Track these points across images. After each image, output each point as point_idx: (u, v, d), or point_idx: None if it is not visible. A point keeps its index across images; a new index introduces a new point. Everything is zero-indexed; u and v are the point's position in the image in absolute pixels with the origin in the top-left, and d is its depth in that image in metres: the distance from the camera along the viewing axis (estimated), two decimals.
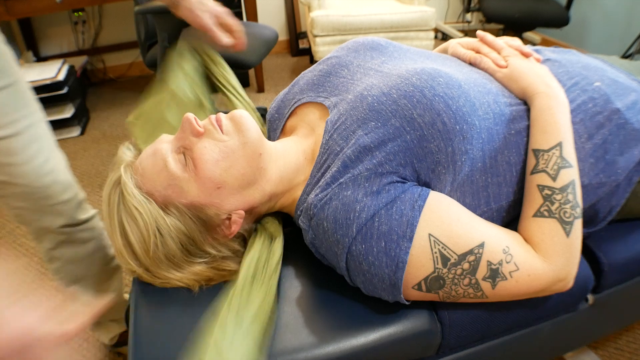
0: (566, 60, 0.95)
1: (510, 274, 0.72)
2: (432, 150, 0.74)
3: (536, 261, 0.73)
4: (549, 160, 0.77)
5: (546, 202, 0.75)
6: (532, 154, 0.79)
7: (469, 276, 0.71)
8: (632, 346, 1.43)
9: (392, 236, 0.70)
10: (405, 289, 0.72)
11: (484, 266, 0.71)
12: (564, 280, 0.75)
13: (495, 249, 0.72)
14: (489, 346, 0.86)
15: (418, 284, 0.72)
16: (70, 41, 3.40)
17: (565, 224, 0.74)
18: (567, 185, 0.75)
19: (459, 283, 0.71)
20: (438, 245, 0.70)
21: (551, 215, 0.75)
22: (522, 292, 0.74)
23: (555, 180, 0.76)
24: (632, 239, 0.95)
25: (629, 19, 3.08)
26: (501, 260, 0.71)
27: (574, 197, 0.75)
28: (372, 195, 0.72)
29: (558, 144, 0.77)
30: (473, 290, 0.72)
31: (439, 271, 0.71)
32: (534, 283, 0.73)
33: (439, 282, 0.71)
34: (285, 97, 0.98)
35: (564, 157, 0.77)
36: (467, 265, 0.70)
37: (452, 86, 0.76)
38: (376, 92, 0.78)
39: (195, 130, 0.78)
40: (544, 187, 0.76)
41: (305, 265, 0.86)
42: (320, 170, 0.80)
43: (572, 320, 0.94)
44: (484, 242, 0.71)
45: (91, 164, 2.51)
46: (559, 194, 0.75)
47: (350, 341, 0.73)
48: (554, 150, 0.77)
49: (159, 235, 0.76)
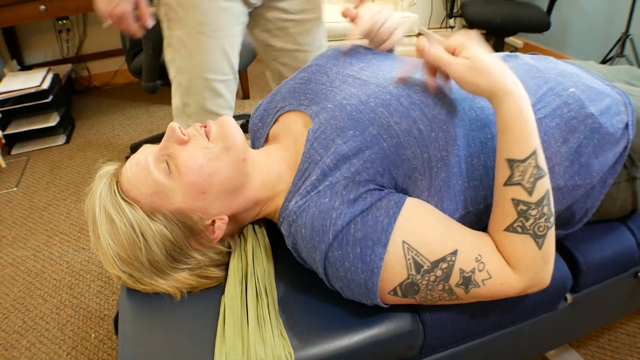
0: (543, 66, 0.97)
1: (482, 281, 0.73)
2: (409, 157, 0.76)
3: (508, 271, 0.74)
4: (525, 172, 0.73)
5: (520, 217, 0.73)
6: (504, 164, 0.74)
7: (442, 283, 0.72)
8: (614, 344, 1.46)
9: (367, 242, 0.71)
10: (382, 294, 0.74)
11: (457, 274, 0.72)
12: (538, 285, 0.77)
13: (468, 257, 0.73)
14: (471, 345, 0.88)
15: (393, 289, 0.73)
16: (54, 49, 3.38)
17: (538, 238, 0.73)
18: (543, 197, 0.73)
19: (433, 289, 0.73)
20: (411, 252, 0.72)
21: (524, 232, 0.73)
22: (496, 297, 0.76)
23: (531, 194, 0.72)
24: (608, 240, 0.97)
25: (609, 24, 3.14)
26: (474, 268, 0.73)
27: (549, 208, 0.74)
28: (348, 202, 0.73)
29: (533, 152, 0.73)
30: (448, 295, 0.74)
31: (413, 277, 0.72)
32: (508, 290, 0.75)
33: (413, 288, 0.73)
34: (268, 106, 1.00)
35: (539, 166, 0.73)
36: (440, 272, 0.72)
37: (428, 94, 0.78)
38: (355, 101, 0.80)
39: (179, 138, 0.80)
40: (519, 202, 0.73)
41: (289, 269, 0.88)
42: (301, 179, 0.81)
43: (552, 319, 0.96)
44: (457, 249, 0.73)
45: (77, 172, 2.50)
46: (534, 209, 0.72)
47: (335, 343, 0.75)
48: (530, 160, 0.73)
49: (144, 241, 0.77)
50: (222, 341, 0.73)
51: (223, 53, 1.32)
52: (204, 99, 1.35)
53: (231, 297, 0.79)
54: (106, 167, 0.85)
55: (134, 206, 0.78)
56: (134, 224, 0.77)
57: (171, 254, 0.80)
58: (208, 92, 1.34)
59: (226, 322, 0.75)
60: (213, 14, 1.27)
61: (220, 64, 1.32)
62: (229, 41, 1.32)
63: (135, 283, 0.81)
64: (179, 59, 1.34)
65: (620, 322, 1.53)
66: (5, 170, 2.57)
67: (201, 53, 1.30)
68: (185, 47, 1.30)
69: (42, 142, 2.81)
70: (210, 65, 1.32)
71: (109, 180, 0.80)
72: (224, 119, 0.83)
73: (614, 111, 0.91)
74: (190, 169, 0.78)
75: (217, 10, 1.27)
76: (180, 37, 1.30)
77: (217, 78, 1.34)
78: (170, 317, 0.79)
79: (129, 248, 0.77)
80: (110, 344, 1.51)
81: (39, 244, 1.98)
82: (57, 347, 1.51)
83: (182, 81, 1.36)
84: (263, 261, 0.86)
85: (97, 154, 2.66)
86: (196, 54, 1.30)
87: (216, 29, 1.28)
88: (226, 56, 1.33)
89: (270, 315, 0.77)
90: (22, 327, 1.59)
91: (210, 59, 1.31)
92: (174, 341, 0.75)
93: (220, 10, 1.27)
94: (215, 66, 1.32)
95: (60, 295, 1.72)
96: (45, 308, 1.66)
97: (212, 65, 1.32)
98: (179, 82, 1.37)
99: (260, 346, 0.71)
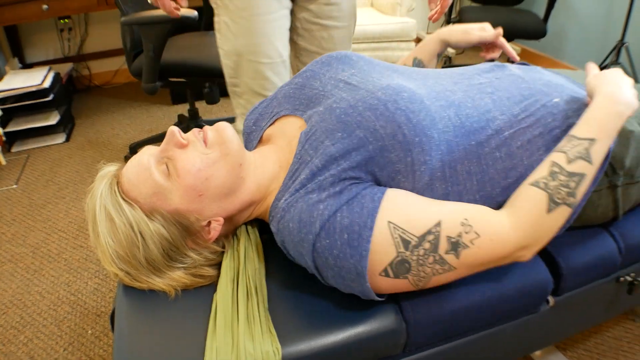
0: (529, 77, 1.00)
1: (471, 242, 0.76)
2: (393, 159, 0.79)
3: (500, 226, 0.78)
4: (575, 147, 0.81)
5: (549, 176, 0.80)
6: (567, 138, 0.84)
7: (432, 254, 0.76)
8: (601, 347, 1.48)
9: (354, 227, 0.75)
10: (373, 277, 0.77)
11: (444, 241, 0.76)
12: (525, 249, 0.80)
13: (452, 223, 0.77)
14: (455, 345, 0.91)
15: (384, 269, 0.76)
16: (56, 48, 3.42)
17: (553, 202, 0.78)
18: (577, 174, 0.79)
19: (424, 263, 0.76)
20: (398, 231, 0.75)
21: (546, 189, 0.79)
22: (486, 258, 0.78)
23: (569, 163, 0.80)
24: (590, 245, 1.00)
25: (605, 31, 3.18)
26: (460, 232, 0.76)
27: (576, 186, 0.79)
28: (334, 195, 0.77)
29: (592, 139, 0.81)
30: (440, 266, 0.77)
31: (402, 255, 0.75)
32: (498, 247, 0.77)
33: (404, 265, 0.76)
34: (264, 110, 1.03)
35: (590, 152, 0.81)
36: (428, 244, 0.75)
37: (415, 101, 0.81)
38: (344, 104, 0.84)
39: (178, 142, 0.83)
40: (555, 164, 0.81)
41: (279, 269, 0.91)
42: (291, 179, 0.85)
43: (535, 321, 0.99)
44: (440, 220, 0.77)
45: (76, 171, 2.53)
46: (564, 176, 0.79)
47: (321, 340, 0.78)
48: (585, 141, 0.81)
49: (142, 240, 0.80)
50: (213, 337, 0.75)
51: (265, 36, 1.36)
52: (250, 79, 1.41)
53: (223, 295, 0.82)
54: (107, 167, 0.87)
55: (134, 206, 0.81)
56: (132, 223, 0.80)
57: (168, 253, 0.83)
58: (253, 73, 1.39)
59: (217, 318, 0.78)
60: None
61: (263, 47, 1.37)
62: (271, 25, 1.36)
63: (132, 280, 0.84)
64: (224, 43, 1.40)
65: (607, 325, 1.55)
66: (5, 168, 2.60)
67: (243, 37, 1.36)
68: (230, 31, 1.36)
69: (42, 140, 2.84)
70: (253, 47, 1.36)
71: (109, 181, 0.83)
72: (220, 125, 0.87)
73: None
74: (188, 172, 0.81)
75: None
76: (226, 22, 1.36)
77: (261, 60, 1.38)
78: (165, 313, 0.82)
79: (127, 246, 0.80)
80: (107, 340, 1.54)
81: (38, 241, 2.01)
82: (54, 342, 1.54)
83: (229, 63, 1.42)
84: (254, 261, 0.89)
85: (96, 153, 2.69)
86: (239, 38, 1.36)
87: (257, 12, 1.33)
88: (268, 39, 1.37)
89: (260, 312, 0.80)
90: (20, 322, 1.61)
91: (252, 42, 1.36)
92: (167, 336, 0.78)
93: None
94: (258, 49, 1.36)
95: (58, 292, 1.74)
96: (43, 304, 1.69)
97: (255, 48, 1.36)
98: (226, 64, 1.44)
99: (250, 342, 0.74)
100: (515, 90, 0.94)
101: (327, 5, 1.47)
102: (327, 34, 1.51)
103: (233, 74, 1.43)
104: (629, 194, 1.00)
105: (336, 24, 1.51)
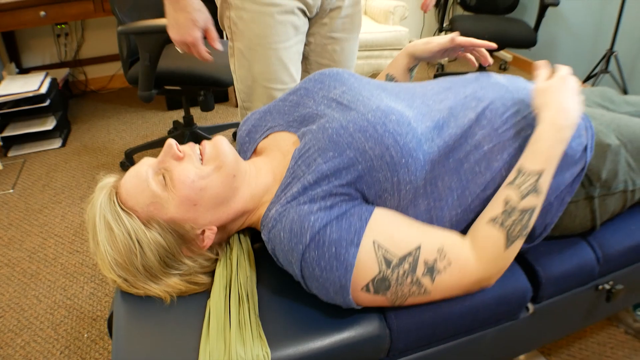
0: (513, 86, 1.03)
1: (444, 268, 0.83)
2: (380, 179, 0.84)
3: (467, 260, 0.85)
4: (525, 182, 0.86)
5: (503, 215, 0.85)
6: (516, 167, 0.88)
7: (410, 275, 0.82)
8: (584, 353, 1.52)
9: (342, 243, 0.79)
10: (355, 292, 0.82)
11: (422, 265, 0.82)
12: (487, 281, 0.88)
13: (430, 248, 0.83)
14: (437, 350, 0.95)
15: (366, 285, 0.81)
16: (52, 53, 3.44)
17: (510, 240, 0.85)
18: (528, 209, 0.85)
19: (402, 282, 0.82)
20: (381, 250, 0.81)
21: (502, 227, 0.85)
22: (455, 286, 0.86)
23: (521, 200, 0.85)
24: (569, 254, 1.05)
25: (595, 40, 3.23)
26: (435, 258, 0.83)
27: (529, 219, 0.85)
28: (325, 209, 0.82)
29: (541, 170, 0.86)
30: (416, 287, 0.83)
31: (384, 272, 0.81)
32: (465, 277, 0.85)
33: (384, 282, 0.81)
34: (257, 122, 1.07)
35: (539, 184, 0.85)
36: (407, 265, 0.81)
37: (402, 123, 0.86)
38: (336, 125, 0.88)
39: (175, 154, 0.87)
40: (507, 202, 0.86)
41: (270, 277, 0.95)
42: (283, 191, 0.89)
43: (515, 327, 1.03)
44: (420, 245, 0.83)
45: (72, 176, 2.56)
46: (517, 213, 0.84)
47: (308, 345, 0.82)
48: (533, 176, 0.86)
49: (139, 248, 0.84)
50: (207, 341, 0.79)
51: (281, 63, 1.39)
52: (262, 104, 1.43)
53: (216, 302, 0.86)
54: (106, 178, 0.91)
55: (132, 215, 0.85)
56: (130, 232, 0.84)
57: (164, 260, 0.87)
58: (267, 98, 1.42)
59: (210, 324, 0.82)
60: (271, 27, 1.34)
61: (278, 73, 1.40)
62: (287, 52, 1.39)
63: (129, 287, 0.88)
64: (239, 68, 1.43)
65: (591, 331, 1.59)
66: (1, 172, 2.62)
67: (259, 63, 1.38)
68: (245, 58, 1.39)
69: (38, 145, 2.86)
70: (268, 74, 1.39)
71: (108, 191, 0.87)
72: (217, 139, 0.91)
73: (575, 134, 0.97)
74: (183, 184, 0.85)
75: (274, 24, 1.34)
76: (240, 49, 1.38)
77: (276, 87, 1.41)
78: (161, 318, 0.86)
79: (125, 254, 0.84)
80: (102, 344, 1.57)
81: (34, 246, 2.04)
82: (51, 346, 1.57)
83: (243, 88, 1.45)
84: (246, 269, 0.93)
85: (92, 159, 2.72)
86: (255, 65, 1.38)
87: (275, 41, 1.35)
88: (284, 66, 1.39)
89: (251, 318, 0.84)
90: (17, 326, 1.64)
91: (268, 70, 1.39)
92: (163, 341, 0.82)
93: (277, 23, 1.34)
94: (274, 76, 1.39)
95: (54, 296, 1.77)
96: (40, 308, 1.72)
97: (271, 75, 1.39)
98: (240, 88, 1.47)
99: (241, 346, 0.78)
100: (499, 101, 0.97)
101: (340, 18, 1.49)
102: (339, 46, 1.54)
103: (246, 97, 1.46)
104: (606, 205, 1.04)
105: (347, 36, 1.54)
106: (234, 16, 1.35)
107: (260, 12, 1.32)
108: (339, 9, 1.47)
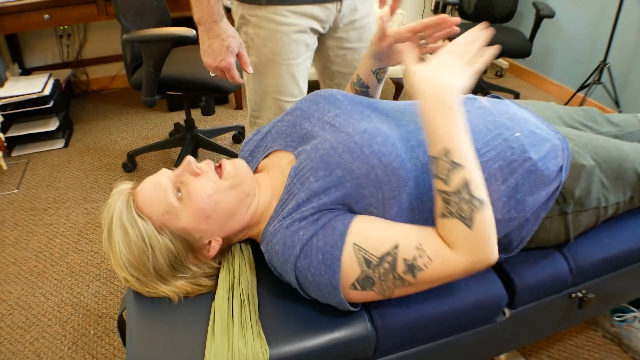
0: (496, 110, 1.10)
1: (425, 265, 0.87)
2: (366, 195, 0.92)
3: (447, 252, 0.87)
4: (440, 167, 0.87)
5: (445, 204, 0.87)
6: (430, 159, 0.89)
7: (391, 273, 0.88)
8: (563, 354, 1.60)
9: (327, 248, 0.88)
10: (345, 290, 0.90)
11: (401, 263, 0.88)
12: (483, 261, 0.87)
13: (408, 247, 0.88)
14: (420, 349, 1.04)
15: (353, 284, 0.89)
16: (54, 53, 3.48)
17: (466, 220, 0.85)
18: (461, 186, 0.85)
19: (385, 279, 0.89)
20: (361, 252, 0.88)
21: (452, 215, 0.86)
22: (442, 276, 0.88)
23: (448, 184, 0.86)
24: (543, 264, 1.13)
25: (590, 51, 3.28)
26: (415, 256, 0.87)
27: (470, 195, 0.85)
28: (313, 222, 0.91)
29: (445, 151, 0.86)
30: (400, 283, 0.89)
31: (366, 272, 0.88)
32: (450, 269, 0.88)
33: (369, 281, 0.89)
34: (259, 143, 1.17)
35: (453, 161, 0.86)
36: (387, 264, 0.88)
37: (387, 144, 0.94)
38: (327, 145, 0.96)
39: (193, 170, 0.96)
40: (440, 192, 0.87)
41: (268, 281, 1.03)
42: (281, 207, 0.98)
43: (492, 330, 1.12)
44: (398, 244, 0.88)
45: (75, 177, 2.61)
46: (454, 196, 0.85)
47: (303, 343, 0.91)
48: (442, 158, 0.86)
49: (151, 251, 0.93)
50: (212, 339, 0.89)
51: (292, 78, 1.49)
52: (272, 114, 1.54)
53: (219, 304, 0.95)
54: (122, 185, 1.00)
55: (147, 221, 0.93)
56: (144, 236, 0.92)
57: (172, 265, 0.95)
58: (276, 109, 1.52)
59: (215, 324, 0.91)
60: (285, 45, 1.43)
61: (289, 87, 1.50)
62: (299, 67, 1.49)
63: (140, 286, 0.97)
64: (252, 81, 1.52)
65: (570, 334, 1.67)
66: (6, 172, 2.67)
67: (272, 77, 1.48)
68: (258, 71, 1.47)
69: (41, 145, 2.91)
70: (280, 87, 1.49)
71: (126, 197, 0.95)
72: (236, 161, 1.01)
73: (552, 155, 1.05)
74: (199, 197, 0.94)
75: (289, 42, 1.43)
76: (254, 62, 1.46)
77: (285, 99, 1.51)
78: (170, 319, 0.94)
79: (138, 255, 0.93)
80: (108, 340, 1.64)
81: (40, 245, 2.10)
82: (59, 342, 1.64)
83: (254, 98, 1.55)
84: (247, 274, 1.01)
85: (94, 159, 2.77)
86: (268, 78, 1.48)
87: (288, 57, 1.45)
88: (295, 80, 1.49)
89: (252, 319, 0.93)
90: (26, 323, 1.71)
91: (280, 83, 1.48)
92: (172, 339, 0.91)
93: (291, 41, 1.43)
94: (285, 89, 1.50)
95: (60, 294, 1.84)
96: (47, 306, 1.79)
97: (282, 88, 1.49)
98: (251, 99, 1.56)
99: (243, 344, 0.87)
100: (482, 124, 1.04)
101: (354, 30, 1.56)
102: (358, 55, 1.61)
103: (256, 107, 1.56)
104: (579, 220, 1.13)
105: (365, 45, 1.60)
106: (252, 32, 1.44)
107: (277, 31, 1.41)
108: (353, 22, 1.54)
